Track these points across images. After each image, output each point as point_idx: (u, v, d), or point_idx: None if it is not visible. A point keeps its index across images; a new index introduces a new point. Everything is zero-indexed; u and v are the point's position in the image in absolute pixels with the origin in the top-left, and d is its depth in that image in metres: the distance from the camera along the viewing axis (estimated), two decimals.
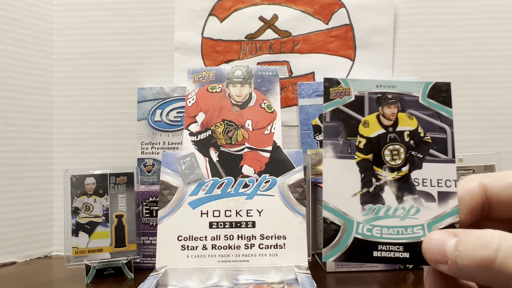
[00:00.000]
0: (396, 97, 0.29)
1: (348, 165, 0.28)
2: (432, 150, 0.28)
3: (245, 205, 0.58)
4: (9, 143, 0.72)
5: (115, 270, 0.60)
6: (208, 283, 0.54)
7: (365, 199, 0.28)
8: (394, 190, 0.28)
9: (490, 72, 0.77)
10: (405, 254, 0.27)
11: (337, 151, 0.28)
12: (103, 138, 0.79)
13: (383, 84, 0.29)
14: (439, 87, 0.29)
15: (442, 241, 0.24)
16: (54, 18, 0.79)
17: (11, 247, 0.71)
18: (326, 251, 0.27)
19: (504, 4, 0.77)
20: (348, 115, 0.29)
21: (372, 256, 0.27)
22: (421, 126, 0.29)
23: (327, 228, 0.27)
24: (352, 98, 0.29)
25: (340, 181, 0.28)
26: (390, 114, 0.29)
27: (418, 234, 0.27)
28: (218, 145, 0.62)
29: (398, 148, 0.28)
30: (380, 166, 0.28)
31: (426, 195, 0.28)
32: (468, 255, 0.23)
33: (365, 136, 0.29)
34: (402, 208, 0.27)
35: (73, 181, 0.60)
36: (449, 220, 0.27)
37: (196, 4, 0.79)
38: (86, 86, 0.79)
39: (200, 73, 0.67)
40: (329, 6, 0.78)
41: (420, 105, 0.29)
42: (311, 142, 0.74)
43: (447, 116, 0.29)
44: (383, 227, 0.27)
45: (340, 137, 0.28)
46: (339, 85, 0.29)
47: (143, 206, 0.64)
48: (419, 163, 0.28)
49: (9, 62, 0.72)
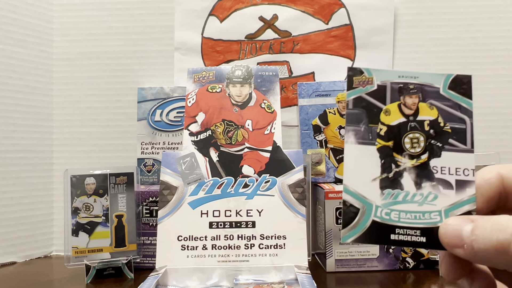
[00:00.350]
0: (418, 87, 0.30)
1: (368, 151, 0.29)
2: (452, 139, 0.29)
3: (245, 205, 0.58)
4: (9, 143, 0.72)
5: (115, 270, 0.60)
6: (208, 283, 0.54)
7: (384, 184, 0.28)
8: (413, 177, 0.28)
9: (490, 72, 0.77)
10: (421, 238, 0.27)
11: (359, 137, 0.29)
12: (103, 138, 0.79)
13: (405, 75, 0.30)
14: (460, 79, 0.30)
15: (459, 226, 0.25)
16: (54, 18, 0.79)
17: (11, 247, 0.71)
18: (345, 232, 0.28)
19: (504, 4, 0.77)
20: (370, 103, 0.29)
21: (389, 239, 0.28)
22: (441, 116, 0.30)
23: (347, 210, 0.28)
24: (374, 87, 0.30)
25: (361, 166, 0.29)
26: (411, 104, 0.30)
27: (435, 220, 0.27)
28: (218, 145, 0.62)
29: (418, 136, 0.29)
30: (400, 153, 0.29)
31: (444, 183, 0.28)
32: (485, 239, 0.23)
33: (386, 124, 0.29)
34: (420, 194, 0.28)
35: (73, 181, 0.60)
36: (466, 207, 0.27)
37: (196, 4, 0.79)
38: (86, 86, 0.79)
39: (200, 73, 0.67)
40: (329, 6, 0.78)
41: (441, 96, 0.30)
42: (311, 142, 0.74)
43: (467, 107, 0.30)
44: (401, 212, 0.28)
45: (362, 124, 0.29)
46: (362, 75, 0.30)
47: (143, 206, 0.64)
48: (438, 152, 0.29)
49: (9, 62, 0.72)
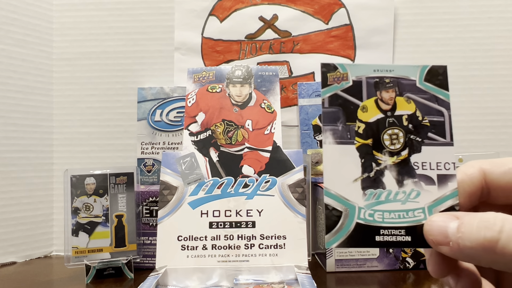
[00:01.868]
0: (394, 81, 0.29)
1: (348, 151, 0.28)
2: (431, 133, 0.29)
3: (245, 205, 0.58)
4: (9, 143, 0.72)
5: (115, 270, 0.60)
6: (208, 283, 0.54)
7: (366, 184, 0.28)
8: (394, 175, 0.28)
9: (490, 72, 0.77)
10: (407, 237, 0.27)
11: (337, 136, 0.28)
12: (103, 138, 0.79)
13: (380, 69, 0.29)
14: (436, 70, 0.29)
15: (444, 222, 0.24)
16: (54, 18, 0.79)
17: (11, 247, 0.71)
18: (329, 237, 0.27)
19: (504, 4, 0.77)
20: (347, 100, 0.29)
21: (374, 240, 0.27)
22: (419, 109, 0.29)
23: (329, 214, 0.27)
24: (350, 83, 0.29)
25: (341, 166, 0.28)
26: (388, 99, 0.29)
27: (419, 217, 0.27)
28: (218, 145, 0.62)
29: (397, 132, 0.29)
30: (379, 150, 0.28)
31: (426, 179, 0.28)
32: (471, 237, 0.23)
33: (364, 121, 0.29)
34: (403, 192, 0.28)
35: (73, 181, 0.60)
36: (449, 202, 0.27)
37: (196, 4, 0.79)
38: (86, 86, 0.79)
39: (200, 73, 0.67)
40: (329, 6, 0.78)
41: (418, 89, 0.29)
42: (311, 142, 0.74)
43: (444, 99, 0.29)
44: (384, 212, 0.27)
45: (339, 122, 0.29)
46: (337, 70, 0.29)
47: (143, 206, 0.64)
48: (418, 147, 0.28)
49: (9, 62, 0.72)
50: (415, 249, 0.62)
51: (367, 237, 0.27)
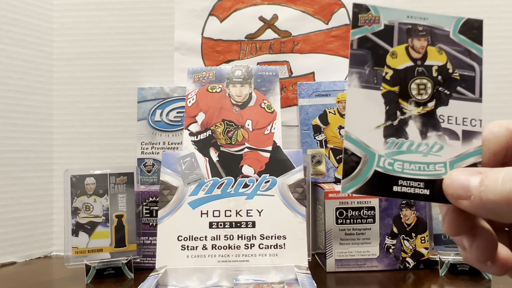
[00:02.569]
0: (427, 29, 0.28)
1: (373, 96, 0.27)
2: (460, 87, 0.28)
3: (245, 205, 0.58)
4: (9, 143, 0.72)
5: (115, 270, 0.60)
6: (208, 283, 0.54)
7: (388, 132, 0.27)
8: (418, 125, 0.27)
9: (490, 72, 0.77)
10: (425, 190, 0.26)
11: (363, 80, 0.27)
12: (103, 138, 0.79)
13: (414, 15, 0.28)
14: (471, 23, 0.28)
15: (466, 176, 0.24)
16: (54, 18, 0.79)
17: (11, 247, 0.71)
18: (345, 182, 0.26)
19: (504, 4, 0.77)
20: (376, 44, 0.28)
21: (392, 190, 0.26)
22: (450, 62, 0.28)
23: (348, 159, 0.26)
24: (381, 27, 0.28)
25: (364, 112, 0.27)
26: (420, 47, 0.28)
27: (440, 172, 0.26)
28: (218, 145, 0.62)
29: (426, 82, 0.28)
30: (405, 99, 0.27)
31: (450, 133, 0.27)
32: (495, 190, 0.22)
33: (393, 67, 0.28)
34: (426, 144, 0.27)
35: (73, 181, 0.60)
36: (472, 159, 0.26)
37: (196, 4, 0.79)
38: (86, 86, 0.79)
39: (200, 73, 0.67)
40: (329, 6, 0.78)
41: (451, 41, 0.28)
42: (311, 142, 0.74)
43: (477, 54, 0.28)
44: (404, 162, 0.27)
45: (366, 66, 0.27)
46: (369, 12, 0.28)
47: (143, 206, 0.64)
48: (446, 100, 0.27)
49: (9, 62, 0.72)
50: (415, 249, 0.62)
51: (384, 186, 0.26)
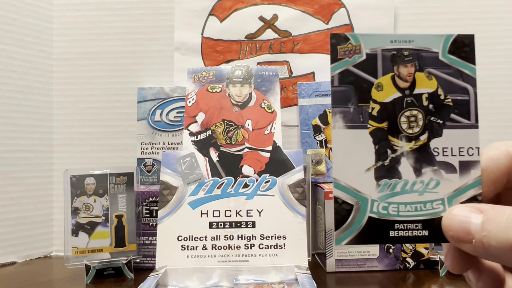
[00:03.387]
0: (413, 54, 0.26)
1: (360, 136, 0.25)
2: (453, 114, 0.25)
3: (245, 205, 0.58)
4: (9, 143, 0.72)
5: (115, 270, 0.60)
6: (208, 283, 0.54)
7: (380, 173, 0.25)
8: (411, 162, 0.25)
9: (490, 72, 0.77)
10: (424, 232, 0.24)
11: (348, 120, 0.25)
12: (103, 138, 0.79)
13: (398, 39, 0.26)
14: (462, 40, 0.26)
15: (466, 217, 0.22)
16: (54, 18, 0.79)
17: (11, 247, 0.71)
18: (338, 234, 0.24)
19: (504, 4, 0.77)
20: (359, 77, 0.25)
21: (388, 236, 0.24)
22: (441, 87, 0.26)
23: (339, 208, 0.25)
24: (363, 57, 0.25)
25: (352, 154, 0.25)
26: (407, 75, 0.26)
27: (438, 210, 0.24)
28: (218, 145, 0.62)
29: (416, 114, 0.26)
30: (396, 135, 0.25)
31: (447, 166, 0.25)
32: (498, 235, 0.20)
33: (379, 101, 0.25)
34: (421, 181, 0.25)
35: (73, 181, 0.60)
36: (471, 192, 0.24)
37: (196, 4, 0.79)
38: (86, 86, 0.79)
39: (200, 73, 0.67)
40: (329, 6, 0.78)
41: (440, 63, 0.26)
42: (311, 142, 0.74)
43: (469, 74, 0.26)
44: (400, 204, 0.25)
45: (350, 103, 0.25)
46: (348, 42, 0.25)
47: (143, 206, 0.64)
48: (439, 130, 0.25)
49: (9, 62, 0.72)
50: (415, 249, 0.62)
51: (380, 233, 0.24)
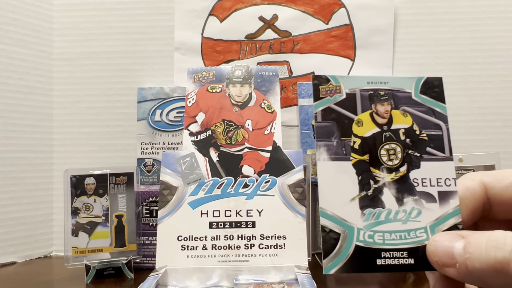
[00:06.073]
0: (389, 93, 0.28)
1: (344, 168, 0.27)
2: (429, 148, 0.28)
3: (245, 205, 0.58)
4: (9, 143, 0.72)
5: (115, 270, 0.60)
6: (208, 283, 0.54)
7: (364, 203, 0.26)
8: (393, 192, 0.27)
9: (490, 72, 0.77)
10: (409, 260, 0.26)
11: (332, 152, 0.27)
12: (103, 138, 0.79)
13: (375, 81, 0.28)
14: (431, 82, 0.28)
15: (449, 242, 0.23)
16: (54, 18, 0.79)
17: (11, 247, 0.71)
18: (327, 262, 0.25)
19: (504, 4, 0.77)
20: (341, 114, 0.28)
21: (375, 264, 0.25)
22: (416, 123, 0.28)
23: (326, 237, 0.26)
24: (343, 96, 0.28)
25: (337, 185, 0.26)
26: (384, 112, 0.28)
27: (422, 238, 0.26)
28: (218, 145, 0.62)
29: (395, 147, 0.27)
30: (377, 167, 0.27)
31: (427, 196, 0.27)
32: (480, 257, 0.21)
33: (360, 135, 0.27)
34: (403, 211, 0.26)
35: (73, 181, 0.60)
36: (452, 220, 0.26)
37: (196, 4, 0.79)
38: (86, 86, 0.79)
39: (200, 73, 0.67)
40: (329, 6, 0.78)
41: (414, 102, 0.28)
42: (311, 142, 0.74)
43: (441, 112, 0.28)
44: (385, 232, 0.26)
45: (333, 137, 0.27)
46: (329, 83, 0.28)
47: (143, 206, 0.64)
48: (417, 162, 0.27)
49: (9, 62, 0.72)
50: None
51: (368, 261, 0.25)
